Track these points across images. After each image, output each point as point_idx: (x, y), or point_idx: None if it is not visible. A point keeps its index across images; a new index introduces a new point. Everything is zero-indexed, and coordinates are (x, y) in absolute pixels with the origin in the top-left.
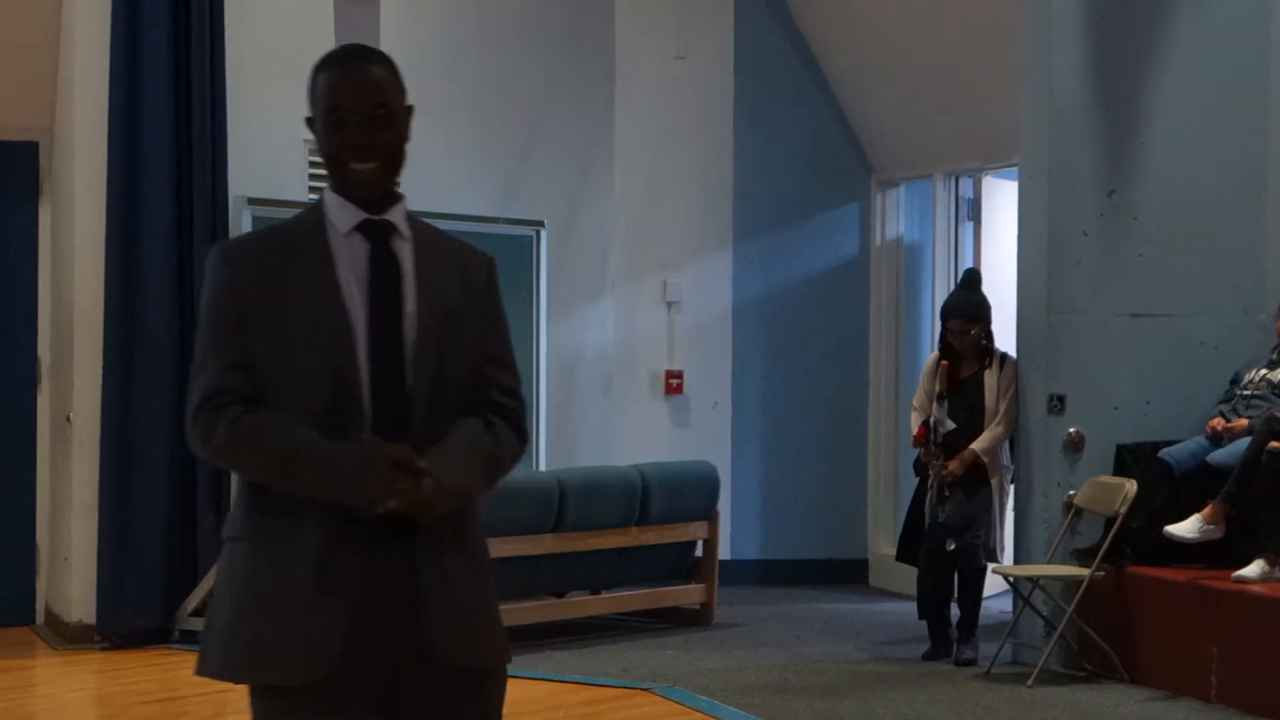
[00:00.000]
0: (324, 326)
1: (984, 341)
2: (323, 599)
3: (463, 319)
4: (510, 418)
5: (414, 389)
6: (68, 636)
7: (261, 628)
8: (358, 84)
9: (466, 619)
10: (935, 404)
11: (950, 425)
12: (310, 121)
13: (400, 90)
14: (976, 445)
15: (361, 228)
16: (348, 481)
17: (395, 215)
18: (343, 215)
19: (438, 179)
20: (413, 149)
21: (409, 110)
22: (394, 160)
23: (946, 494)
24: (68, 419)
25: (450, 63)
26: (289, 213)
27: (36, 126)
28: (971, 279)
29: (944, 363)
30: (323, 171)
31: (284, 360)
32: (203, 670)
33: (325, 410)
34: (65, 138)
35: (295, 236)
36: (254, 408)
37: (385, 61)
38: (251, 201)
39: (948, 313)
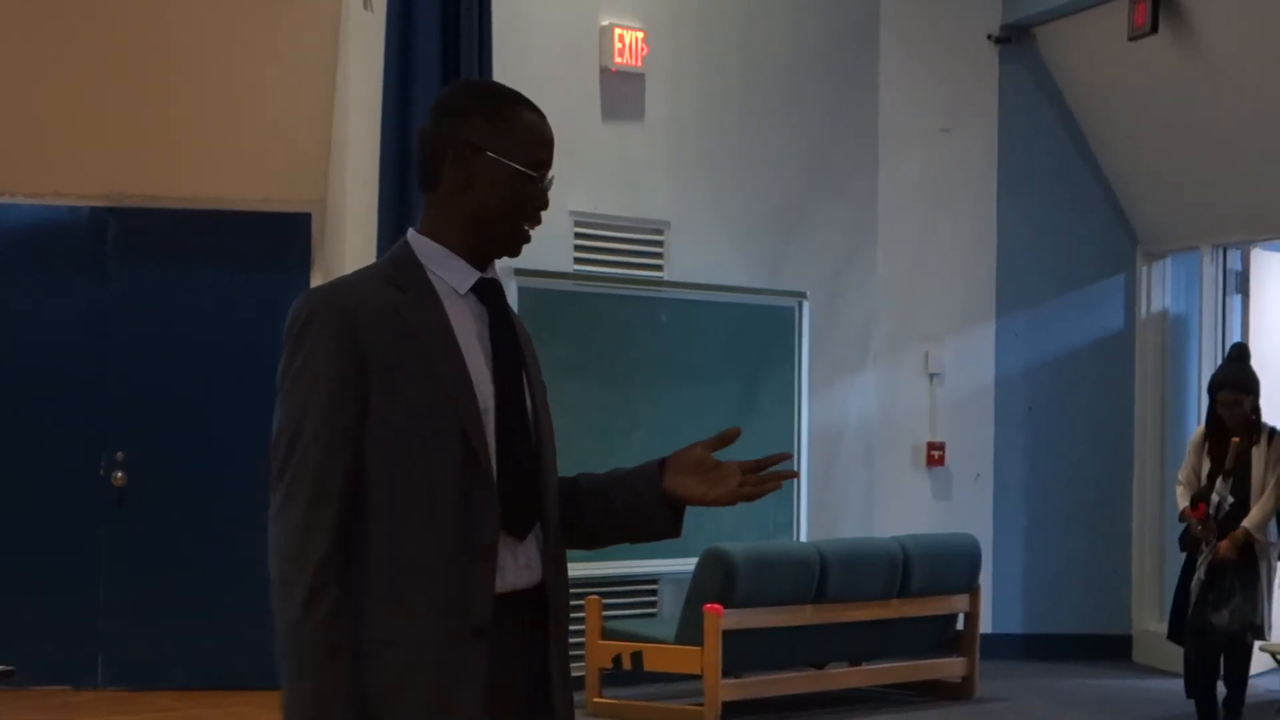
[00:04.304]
0: (451, 402)
1: (1253, 416)
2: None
3: (542, 387)
4: None
5: (542, 473)
6: None
7: None
8: (553, 139)
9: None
10: (1220, 481)
11: (1230, 501)
12: (471, 149)
13: None
14: (1247, 523)
15: (477, 288)
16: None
17: (494, 273)
18: (453, 271)
19: (701, 250)
20: (679, 220)
21: None
22: None
23: (1215, 575)
24: None
25: (715, 135)
26: (555, 284)
27: (309, 198)
28: (1240, 353)
29: (1235, 440)
30: (590, 243)
31: (399, 448)
32: None
33: (456, 494)
34: (337, 209)
35: (401, 289)
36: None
37: None
38: (518, 273)
39: (1217, 385)
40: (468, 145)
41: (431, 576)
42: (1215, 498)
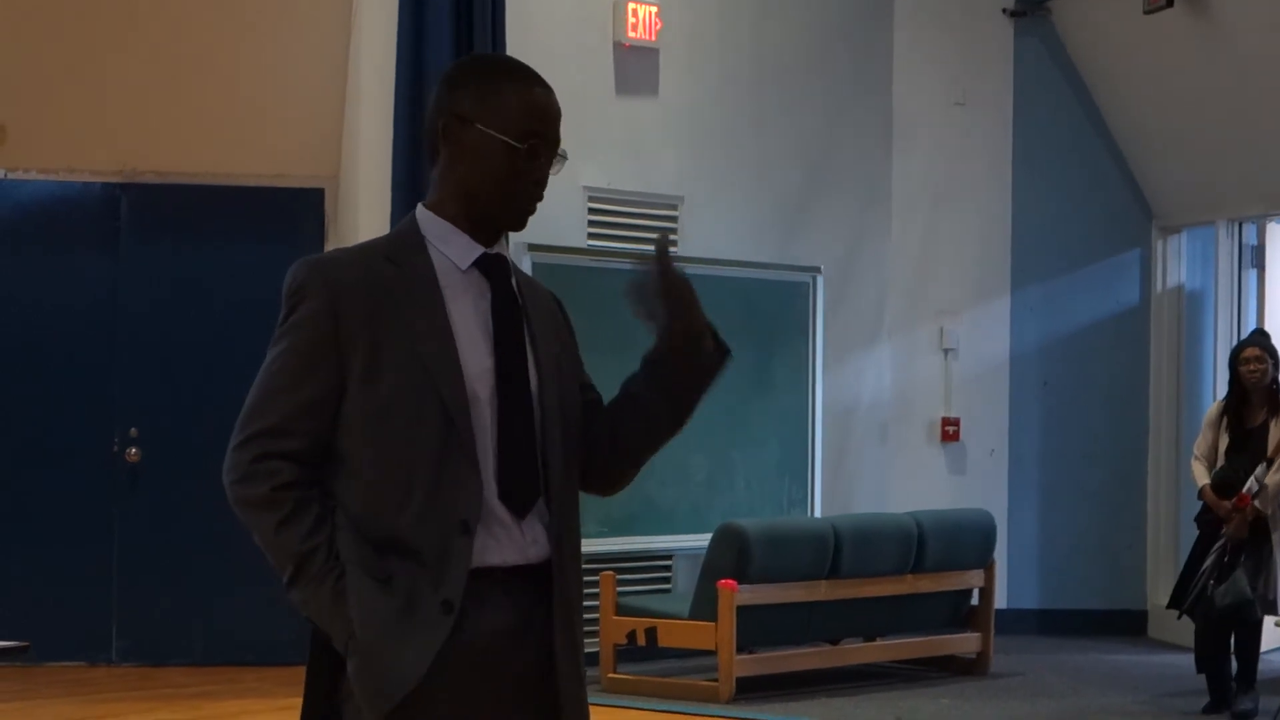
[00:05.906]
0: (432, 378)
1: (1273, 385)
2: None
3: (564, 360)
4: None
5: (547, 450)
6: None
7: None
8: (557, 113)
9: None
10: (1262, 467)
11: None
12: (460, 122)
13: None
14: (1256, 500)
15: (480, 264)
16: (324, 621)
17: (501, 248)
18: (455, 246)
19: (715, 225)
20: (692, 195)
21: None
22: None
23: (1226, 558)
24: None
25: (728, 110)
26: (569, 259)
27: (322, 174)
28: (1263, 331)
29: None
30: (604, 219)
31: (379, 422)
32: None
33: (434, 471)
34: (350, 184)
35: (397, 264)
36: (305, 470)
37: None
38: (531, 248)
39: (1241, 346)
40: (457, 118)
41: (406, 550)
42: (1254, 485)
